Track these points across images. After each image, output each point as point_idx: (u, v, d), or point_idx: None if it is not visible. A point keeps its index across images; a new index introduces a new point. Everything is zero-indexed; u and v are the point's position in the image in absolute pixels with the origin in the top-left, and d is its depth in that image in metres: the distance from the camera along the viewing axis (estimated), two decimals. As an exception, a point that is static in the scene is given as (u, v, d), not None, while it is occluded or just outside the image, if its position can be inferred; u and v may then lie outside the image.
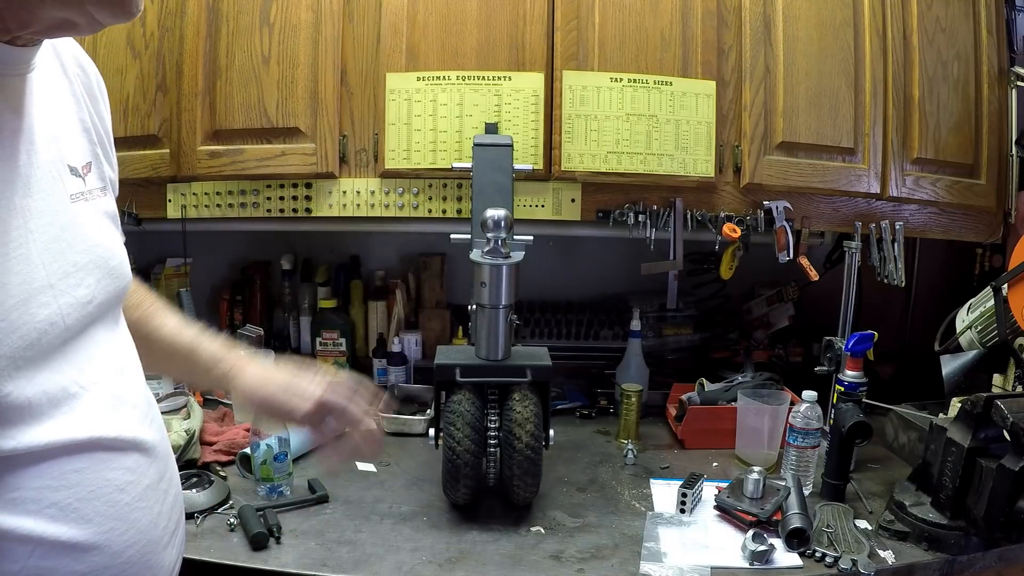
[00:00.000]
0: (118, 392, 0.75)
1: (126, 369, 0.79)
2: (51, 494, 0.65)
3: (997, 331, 1.51)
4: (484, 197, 1.44)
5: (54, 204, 0.69)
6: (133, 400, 0.78)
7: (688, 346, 2.05)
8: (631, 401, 1.68)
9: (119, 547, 0.69)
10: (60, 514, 0.65)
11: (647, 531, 1.28)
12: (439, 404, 1.35)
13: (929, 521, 1.24)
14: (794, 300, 2.00)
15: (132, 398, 0.77)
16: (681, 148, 1.61)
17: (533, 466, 1.30)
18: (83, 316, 0.71)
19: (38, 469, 0.64)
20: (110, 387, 0.74)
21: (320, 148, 1.59)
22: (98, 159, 0.79)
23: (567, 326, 2.02)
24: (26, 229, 0.65)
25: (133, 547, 0.71)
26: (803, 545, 1.22)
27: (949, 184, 1.71)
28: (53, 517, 0.65)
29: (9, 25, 0.59)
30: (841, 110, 1.63)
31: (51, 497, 0.65)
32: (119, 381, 0.76)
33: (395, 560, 1.18)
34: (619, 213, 1.65)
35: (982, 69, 1.71)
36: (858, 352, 1.47)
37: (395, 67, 1.58)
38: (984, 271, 1.90)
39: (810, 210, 1.70)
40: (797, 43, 1.61)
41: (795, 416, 1.44)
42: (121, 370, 0.78)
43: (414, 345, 1.96)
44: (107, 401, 0.73)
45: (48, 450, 0.65)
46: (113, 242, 0.78)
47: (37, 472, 0.64)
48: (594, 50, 1.59)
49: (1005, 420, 1.16)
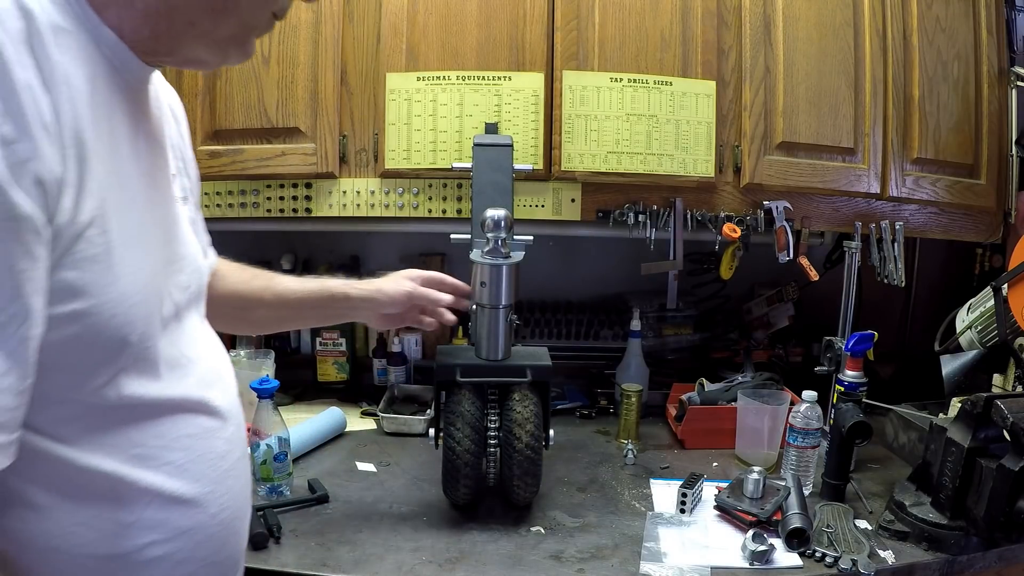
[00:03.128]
0: (216, 367, 0.83)
1: (218, 351, 0.87)
2: (168, 454, 0.73)
3: (997, 331, 1.51)
4: (484, 197, 1.44)
5: (170, 197, 0.80)
6: (227, 378, 0.86)
7: (688, 346, 2.05)
8: (631, 401, 1.68)
9: (215, 509, 0.77)
10: (175, 472, 0.73)
11: (647, 531, 1.28)
12: (439, 404, 1.35)
13: (929, 521, 1.24)
14: (794, 300, 2.00)
15: (226, 376, 0.86)
16: (681, 148, 1.61)
17: (533, 466, 1.30)
18: (184, 299, 0.80)
19: (158, 429, 0.72)
20: (209, 363, 0.82)
21: (320, 148, 1.59)
22: (180, 172, 0.87)
23: (567, 326, 2.02)
24: (166, 213, 0.78)
25: (226, 511, 0.79)
26: (803, 545, 1.22)
27: (949, 184, 1.71)
28: (169, 474, 0.72)
29: (159, 52, 0.68)
30: (841, 110, 1.63)
31: (168, 456, 0.73)
32: (215, 359, 0.84)
33: (395, 560, 1.18)
34: (619, 213, 1.65)
35: (982, 69, 1.71)
36: (858, 352, 1.47)
37: (395, 67, 1.58)
38: (984, 271, 1.90)
39: (810, 210, 1.70)
40: (797, 43, 1.61)
41: (795, 416, 1.44)
42: (214, 350, 0.85)
43: (414, 345, 1.96)
44: (209, 374, 0.81)
45: (170, 405, 0.73)
46: (196, 244, 0.87)
47: (157, 432, 0.72)
48: (594, 50, 1.59)
49: (1005, 420, 1.16)
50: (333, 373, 1.93)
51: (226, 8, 0.67)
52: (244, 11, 0.68)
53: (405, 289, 1.24)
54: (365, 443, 1.66)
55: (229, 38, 0.70)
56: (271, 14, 0.72)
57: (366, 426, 1.75)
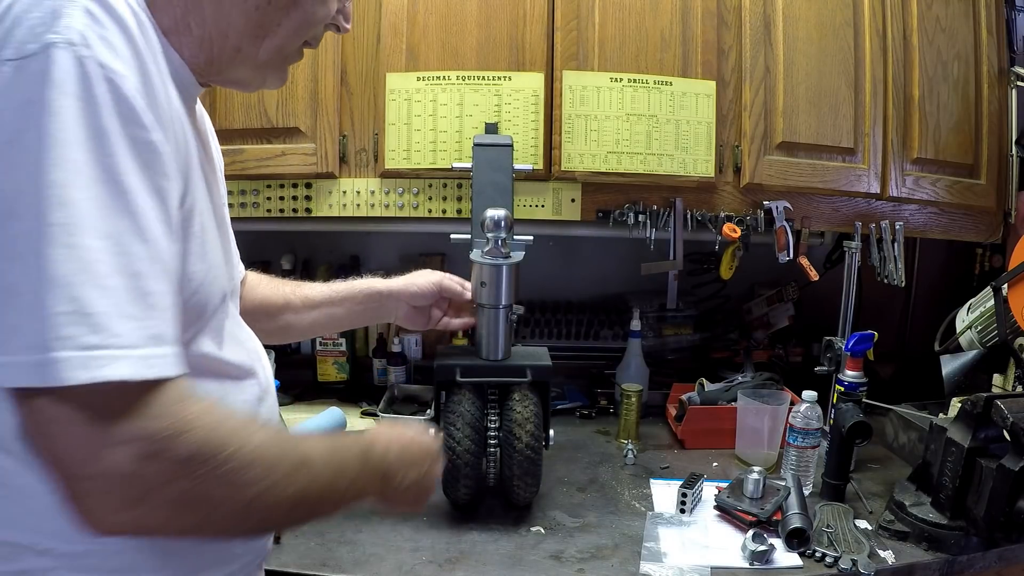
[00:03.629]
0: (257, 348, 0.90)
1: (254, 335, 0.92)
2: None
3: (997, 331, 1.51)
4: (484, 197, 1.44)
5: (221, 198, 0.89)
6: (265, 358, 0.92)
7: (688, 346, 2.05)
8: (631, 401, 1.68)
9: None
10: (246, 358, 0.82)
11: (647, 531, 1.28)
12: (439, 404, 1.35)
13: (929, 521, 1.24)
14: (794, 300, 2.00)
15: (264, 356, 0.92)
16: (681, 148, 1.61)
17: (533, 466, 1.30)
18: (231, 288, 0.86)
19: (223, 388, 0.78)
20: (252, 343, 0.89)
21: (320, 148, 1.59)
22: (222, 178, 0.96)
23: (567, 326, 2.02)
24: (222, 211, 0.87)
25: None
26: (803, 545, 1.22)
27: (949, 184, 1.71)
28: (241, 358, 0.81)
29: (210, 73, 0.76)
30: (841, 110, 1.63)
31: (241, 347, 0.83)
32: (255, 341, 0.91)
33: (395, 560, 1.18)
34: (619, 213, 1.65)
35: (982, 69, 1.71)
36: (858, 352, 1.47)
37: (395, 67, 1.58)
38: (984, 271, 1.90)
39: (810, 210, 1.70)
40: (797, 43, 1.61)
41: (795, 416, 1.44)
42: (252, 334, 0.91)
43: (414, 345, 1.96)
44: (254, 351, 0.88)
45: (231, 368, 0.80)
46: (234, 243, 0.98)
47: (223, 391, 0.78)
48: (594, 50, 1.59)
49: (1005, 420, 1.16)
50: (333, 373, 1.93)
51: (267, 35, 0.75)
52: (281, 38, 0.76)
53: (434, 279, 1.26)
54: (365, 443, 1.65)
55: (267, 63, 0.78)
56: (303, 42, 0.80)
57: (366, 426, 1.75)
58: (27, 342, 0.53)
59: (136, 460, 0.56)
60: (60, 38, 0.55)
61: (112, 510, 0.57)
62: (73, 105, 0.55)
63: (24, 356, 0.53)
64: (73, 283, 0.54)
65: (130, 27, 0.59)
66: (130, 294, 0.57)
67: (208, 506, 0.61)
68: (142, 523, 0.59)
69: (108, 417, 0.56)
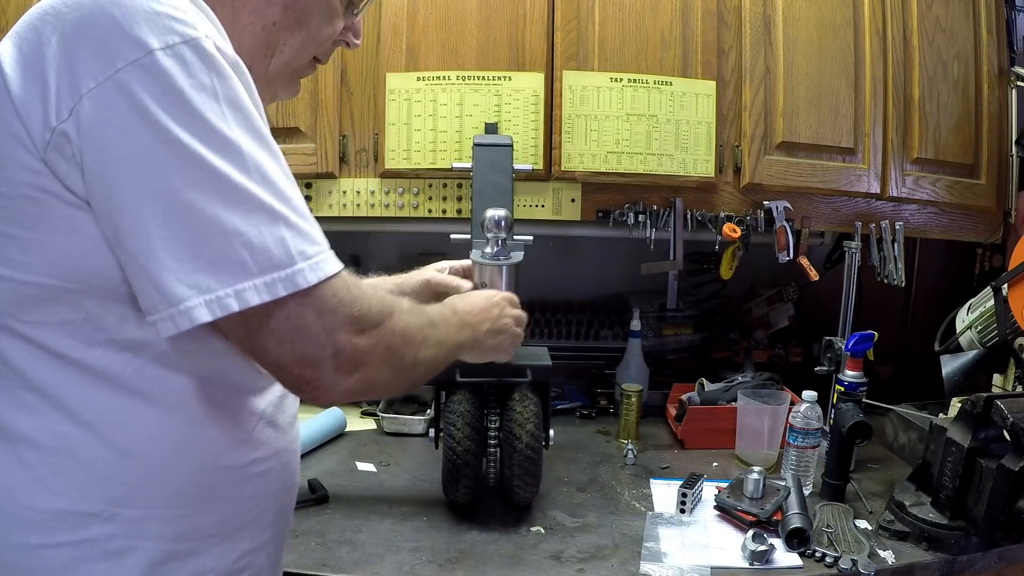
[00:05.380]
0: None
1: None
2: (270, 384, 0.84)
3: (997, 331, 1.51)
4: (484, 197, 1.44)
5: None
6: None
7: (688, 346, 2.04)
8: (631, 401, 1.68)
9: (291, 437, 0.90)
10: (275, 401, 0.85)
11: (647, 531, 1.28)
12: (439, 404, 1.35)
13: (929, 521, 1.24)
14: (794, 300, 2.00)
15: None
16: (681, 148, 1.61)
17: (533, 466, 1.30)
18: None
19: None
20: None
21: (320, 148, 1.59)
22: None
23: (567, 326, 2.02)
24: None
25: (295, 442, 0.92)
26: (803, 545, 1.22)
27: (949, 184, 1.71)
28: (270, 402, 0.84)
29: None
30: (841, 110, 1.63)
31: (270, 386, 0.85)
32: None
33: (395, 560, 1.18)
34: (619, 213, 1.65)
35: (982, 69, 1.71)
36: (858, 352, 1.47)
37: (395, 67, 1.58)
38: (984, 271, 1.90)
39: (810, 210, 1.70)
40: (797, 43, 1.61)
41: (795, 416, 1.44)
42: None
43: (414, 345, 1.95)
44: None
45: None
46: None
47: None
48: (594, 50, 1.59)
49: (1005, 420, 1.16)
50: (333, 373, 1.93)
51: (274, 53, 0.82)
52: (288, 56, 0.83)
53: (424, 276, 1.28)
54: (365, 443, 1.66)
55: (276, 79, 0.84)
56: (313, 58, 0.87)
57: (366, 426, 1.75)
58: (271, 262, 0.66)
59: (354, 335, 0.72)
60: None
61: (344, 379, 0.72)
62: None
63: (271, 275, 0.66)
64: (280, 212, 0.69)
65: None
66: (306, 209, 0.73)
67: (397, 359, 0.77)
68: (363, 384, 0.74)
69: (329, 308, 0.70)
